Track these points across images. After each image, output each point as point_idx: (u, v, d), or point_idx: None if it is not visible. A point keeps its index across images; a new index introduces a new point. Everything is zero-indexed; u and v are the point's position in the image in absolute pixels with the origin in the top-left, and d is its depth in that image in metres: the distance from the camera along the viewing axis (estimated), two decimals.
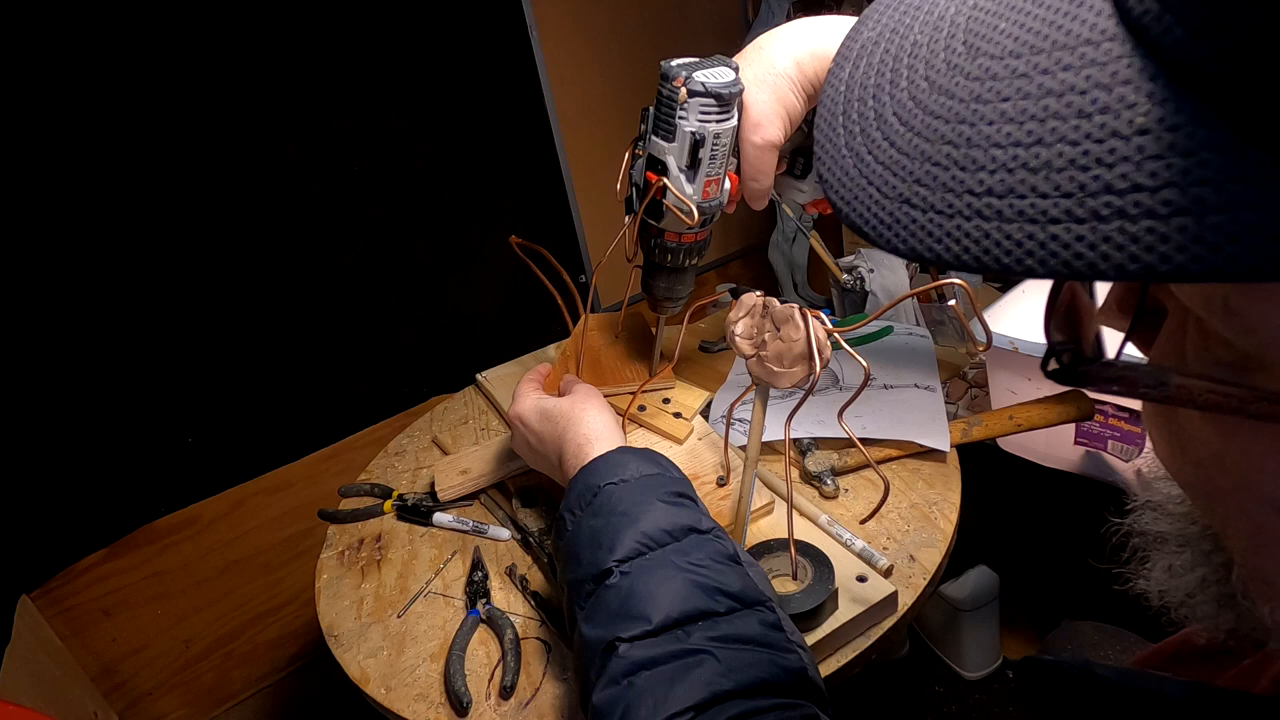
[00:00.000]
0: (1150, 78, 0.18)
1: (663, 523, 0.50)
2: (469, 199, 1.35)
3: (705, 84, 0.57)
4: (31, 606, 1.07)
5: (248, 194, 1.12)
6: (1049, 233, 0.19)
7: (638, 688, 0.42)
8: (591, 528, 0.52)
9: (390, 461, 0.97)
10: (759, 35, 1.33)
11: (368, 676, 0.66)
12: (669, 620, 0.45)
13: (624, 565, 0.48)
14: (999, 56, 0.21)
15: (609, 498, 0.53)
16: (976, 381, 1.16)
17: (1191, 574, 0.33)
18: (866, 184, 0.24)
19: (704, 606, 0.46)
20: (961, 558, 1.28)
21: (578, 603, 0.50)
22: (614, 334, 0.97)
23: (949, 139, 0.22)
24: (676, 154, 0.62)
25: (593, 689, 0.44)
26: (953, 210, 0.21)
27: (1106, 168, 0.18)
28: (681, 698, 0.41)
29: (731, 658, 0.43)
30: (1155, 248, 0.17)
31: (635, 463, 0.56)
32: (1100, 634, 0.74)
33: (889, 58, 0.25)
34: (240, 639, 1.33)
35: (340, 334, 1.27)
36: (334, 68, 1.15)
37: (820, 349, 0.51)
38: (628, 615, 0.46)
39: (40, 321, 1.01)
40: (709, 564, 0.48)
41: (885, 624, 0.61)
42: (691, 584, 0.47)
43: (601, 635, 0.46)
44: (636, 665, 0.43)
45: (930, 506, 0.73)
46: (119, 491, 1.13)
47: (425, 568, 0.78)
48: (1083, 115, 0.19)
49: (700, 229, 0.69)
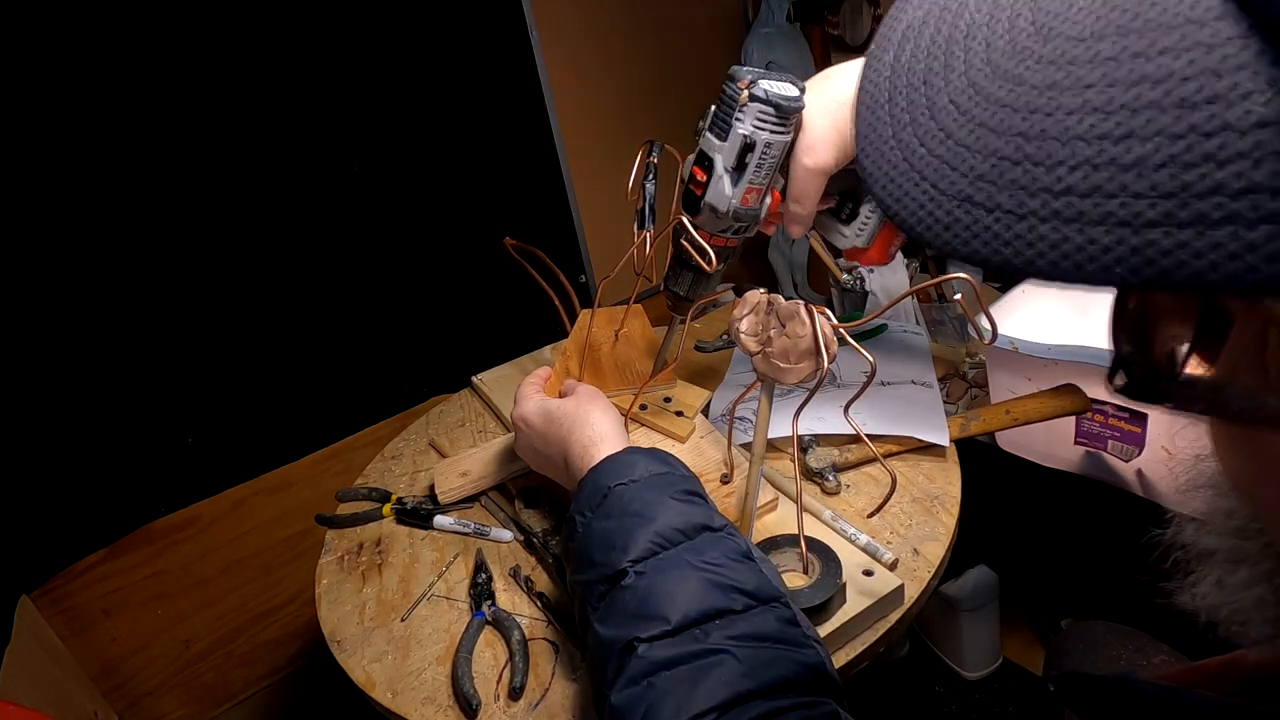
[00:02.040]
0: (1271, 62, 0.15)
1: (675, 521, 0.50)
2: (468, 199, 1.35)
3: (767, 92, 0.58)
4: (31, 606, 1.07)
5: (247, 194, 1.12)
6: (1144, 238, 0.17)
7: (659, 688, 0.42)
8: (603, 529, 0.52)
9: (388, 465, 0.97)
10: (759, 35, 1.32)
11: (373, 681, 0.65)
12: (687, 619, 0.45)
13: (638, 565, 0.48)
14: (1079, 39, 0.19)
15: (619, 498, 0.53)
16: (976, 381, 1.16)
17: (1247, 593, 0.31)
18: (919, 179, 0.22)
19: (721, 605, 0.45)
20: (961, 558, 1.28)
21: (589, 604, 0.50)
22: (614, 332, 0.97)
23: (1020, 130, 0.20)
24: (725, 154, 0.62)
25: (610, 689, 0.44)
26: (1024, 210, 0.19)
27: (1216, 165, 0.16)
28: (704, 698, 0.41)
29: (751, 656, 0.43)
30: (1278, 257, 0.15)
31: (644, 462, 0.55)
32: (1112, 634, 0.74)
33: (941, 39, 0.23)
34: (240, 639, 1.32)
35: (339, 334, 1.27)
36: (333, 68, 1.15)
37: (827, 344, 0.52)
38: (645, 615, 0.46)
39: (40, 322, 1.01)
40: (724, 562, 0.48)
41: (892, 616, 0.62)
42: (708, 583, 0.46)
43: (619, 635, 0.46)
44: (656, 665, 0.43)
45: (931, 501, 0.74)
46: (119, 491, 1.13)
47: (427, 571, 0.77)
48: (1186, 105, 0.16)
49: (733, 235, 0.68)
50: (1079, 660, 0.73)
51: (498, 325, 1.43)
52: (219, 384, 1.17)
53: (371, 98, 1.20)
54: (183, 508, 1.20)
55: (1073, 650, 0.75)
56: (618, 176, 1.60)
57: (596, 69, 1.48)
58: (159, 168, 1.04)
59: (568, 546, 0.55)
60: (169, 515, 1.19)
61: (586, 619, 0.50)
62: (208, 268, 1.12)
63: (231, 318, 1.16)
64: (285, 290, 1.20)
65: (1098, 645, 0.73)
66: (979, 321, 0.59)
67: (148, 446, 1.13)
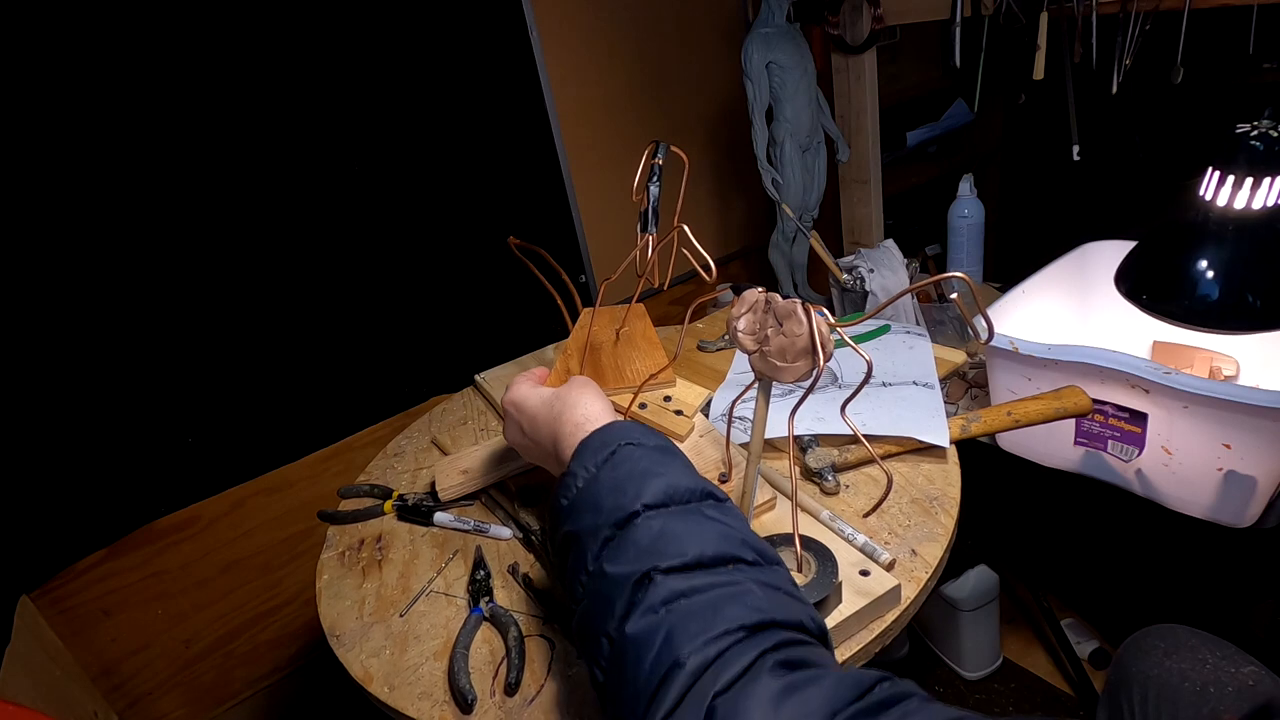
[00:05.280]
0: None
1: (686, 483, 0.50)
2: (469, 199, 1.35)
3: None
4: (31, 606, 1.07)
5: (247, 194, 1.12)
6: None
7: (681, 611, 0.41)
8: (613, 477, 0.51)
9: (389, 462, 0.97)
10: (759, 35, 1.33)
11: (371, 676, 0.65)
12: (704, 557, 0.44)
13: (651, 511, 0.48)
14: None
15: (629, 456, 0.52)
16: (976, 381, 1.16)
17: None
18: None
19: (736, 553, 0.45)
20: (961, 558, 1.28)
21: (589, 551, 0.48)
22: (615, 331, 0.97)
23: None
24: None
25: (624, 622, 0.43)
26: None
27: None
28: (730, 619, 0.40)
29: (771, 594, 0.43)
30: None
31: (649, 434, 0.55)
32: (1197, 638, 0.73)
33: None
34: (240, 639, 1.32)
35: (340, 334, 1.27)
36: (333, 68, 1.15)
37: (823, 343, 0.52)
38: (661, 550, 0.45)
39: (40, 322, 1.01)
40: (735, 521, 0.48)
41: (889, 617, 0.62)
42: (722, 533, 0.46)
43: (632, 569, 0.44)
44: (676, 593, 0.42)
45: (931, 502, 0.74)
46: (119, 491, 1.13)
47: (427, 567, 0.78)
48: None
49: None
50: (1160, 660, 0.72)
51: (498, 325, 1.43)
52: (219, 384, 1.17)
53: (371, 98, 1.20)
54: (183, 508, 1.20)
55: (1152, 650, 0.74)
56: (618, 176, 1.61)
57: (596, 69, 1.48)
58: (160, 168, 1.04)
59: (560, 502, 0.53)
60: (169, 515, 1.18)
61: (577, 567, 0.49)
62: (208, 267, 1.12)
63: (232, 317, 1.16)
64: (285, 290, 1.20)
65: (1182, 648, 0.72)
66: (975, 322, 0.59)
67: (148, 446, 1.13)
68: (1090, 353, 0.86)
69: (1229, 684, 0.67)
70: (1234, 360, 1.00)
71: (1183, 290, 0.84)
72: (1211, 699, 0.66)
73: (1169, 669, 0.71)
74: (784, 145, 1.35)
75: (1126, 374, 0.83)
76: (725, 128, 1.70)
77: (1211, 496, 0.84)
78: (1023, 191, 2.06)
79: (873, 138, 1.49)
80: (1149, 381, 0.82)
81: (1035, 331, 0.96)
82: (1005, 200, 2.07)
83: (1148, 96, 1.43)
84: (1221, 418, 0.79)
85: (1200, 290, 0.83)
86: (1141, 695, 0.71)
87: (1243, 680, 0.67)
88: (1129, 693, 0.72)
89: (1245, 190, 0.79)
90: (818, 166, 1.41)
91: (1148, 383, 0.82)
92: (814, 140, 1.37)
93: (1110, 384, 0.87)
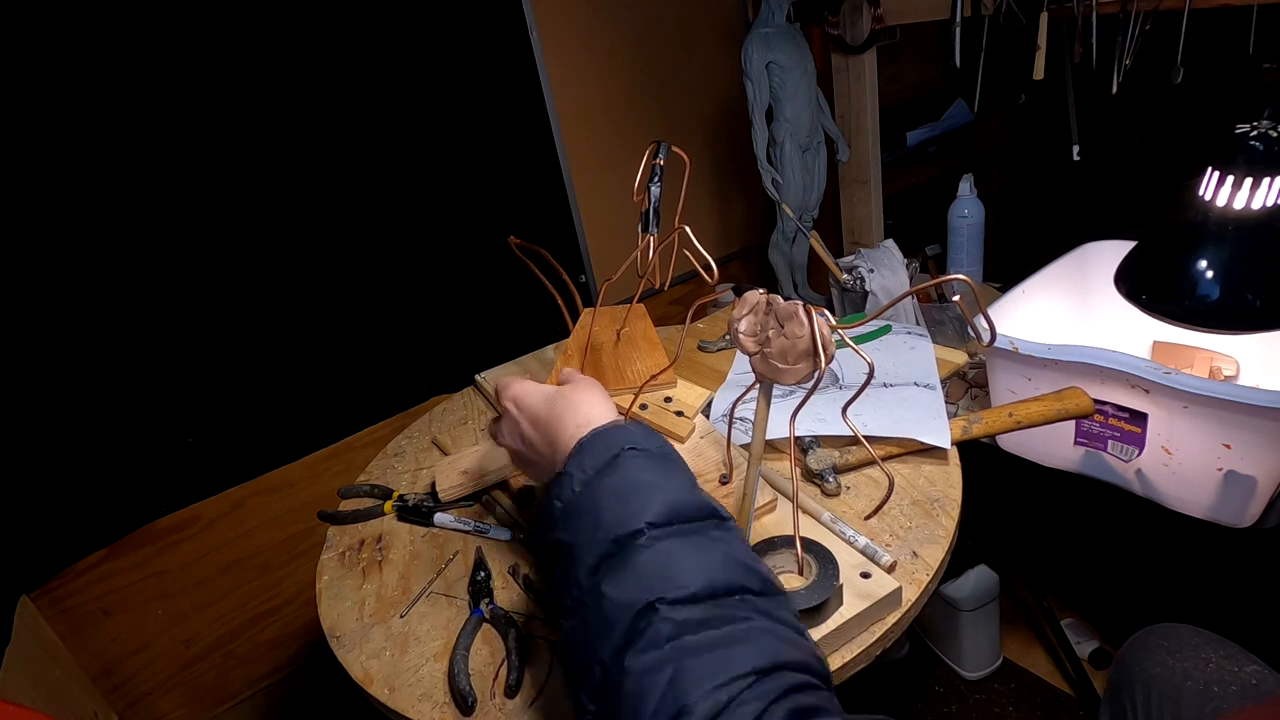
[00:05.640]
0: None
1: (690, 500, 0.48)
2: (469, 199, 1.35)
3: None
4: (31, 606, 1.07)
5: (247, 194, 1.12)
6: None
7: (687, 649, 0.40)
8: (614, 486, 0.49)
9: (390, 462, 0.97)
10: (759, 35, 1.33)
11: (371, 677, 0.65)
12: (711, 588, 0.43)
13: (656, 531, 0.46)
14: None
15: (631, 462, 0.50)
16: (976, 382, 1.16)
17: None
18: None
19: (743, 582, 0.44)
20: (961, 558, 1.28)
21: (584, 563, 0.47)
22: (616, 332, 0.97)
23: None
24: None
25: (623, 653, 0.41)
26: None
27: None
28: (742, 661, 0.39)
29: (780, 632, 0.42)
30: None
31: (650, 438, 0.54)
32: (1200, 637, 0.73)
33: None
34: (240, 639, 1.32)
35: (340, 334, 1.27)
36: (333, 68, 1.15)
37: (824, 345, 0.52)
38: (666, 578, 0.43)
39: (40, 322, 1.01)
40: (739, 544, 0.47)
41: (890, 619, 0.61)
42: (729, 558, 0.45)
43: (635, 597, 0.42)
44: (682, 628, 0.41)
45: (932, 504, 0.74)
46: (119, 491, 1.13)
47: (427, 568, 0.78)
48: None
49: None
50: (1164, 659, 0.72)
51: (498, 325, 1.43)
52: (219, 384, 1.17)
53: (372, 98, 1.20)
54: (183, 508, 1.19)
55: (1155, 649, 0.74)
56: (618, 176, 1.61)
57: (596, 69, 1.48)
58: (160, 168, 1.04)
59: (552, 504, 0.51)
60: (169, 515, 1.18)
61: (569, 577, 0.47)
62: (208, 267, 1.12)
63: (232, 317, 1.16)
64: (285, 290, 1.20)
65: (1185, 646, 0.72)
66: (977, 323, 0.59)
67: (148, 446, 1.13)
68: (1090, 353, 0.86)
69: (1232, 683, 0.67)
70: (1234, 360, 1.00)
71: (1183, 290, 0.84)
72: (1215, 698, 0.66)
73: (1172, 668, 0.71)
74: (784, 145, 1.35)
75: (1126, 374, 0.83)
76: (725, 128, 1.70)
77: (1211, 496, 0.84)
78: (1023, 191, 2.06)
79: (873, 138, 1.49)
80: (1149, 381, 0.82)
81: (1035, 332, 0.96)
82: (1005, 200, 2.07)
83: (1148, 96, 1.43)
84: (1221, 418, 0.79)
85: (1200, 290, 0.83)
86: (1144, 694, 0.71)
87: (1246, 679, 0.67)
88: (1132, 691, 0.73)
89: (1245, 190, 0.79)
90: (818, 166, 1.40)
91: (1148, 383, 0.82)
92: (814, 140, 1.37)
93: (1110, 384, 0.87)
